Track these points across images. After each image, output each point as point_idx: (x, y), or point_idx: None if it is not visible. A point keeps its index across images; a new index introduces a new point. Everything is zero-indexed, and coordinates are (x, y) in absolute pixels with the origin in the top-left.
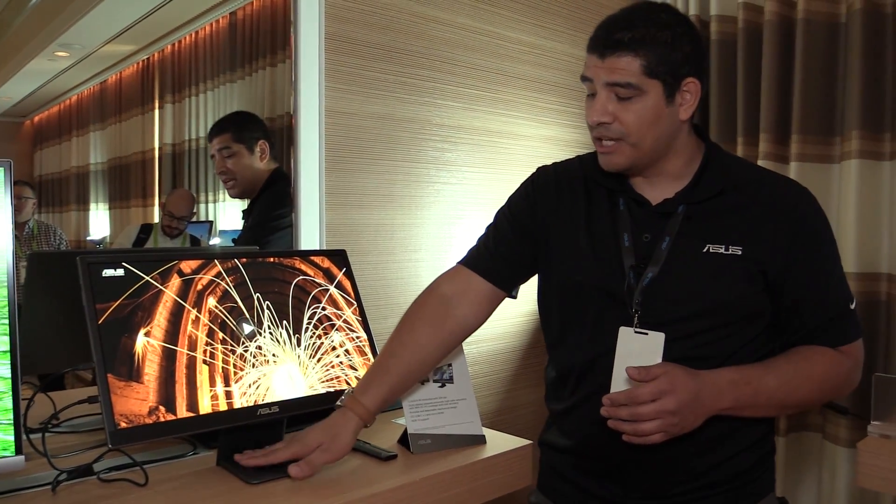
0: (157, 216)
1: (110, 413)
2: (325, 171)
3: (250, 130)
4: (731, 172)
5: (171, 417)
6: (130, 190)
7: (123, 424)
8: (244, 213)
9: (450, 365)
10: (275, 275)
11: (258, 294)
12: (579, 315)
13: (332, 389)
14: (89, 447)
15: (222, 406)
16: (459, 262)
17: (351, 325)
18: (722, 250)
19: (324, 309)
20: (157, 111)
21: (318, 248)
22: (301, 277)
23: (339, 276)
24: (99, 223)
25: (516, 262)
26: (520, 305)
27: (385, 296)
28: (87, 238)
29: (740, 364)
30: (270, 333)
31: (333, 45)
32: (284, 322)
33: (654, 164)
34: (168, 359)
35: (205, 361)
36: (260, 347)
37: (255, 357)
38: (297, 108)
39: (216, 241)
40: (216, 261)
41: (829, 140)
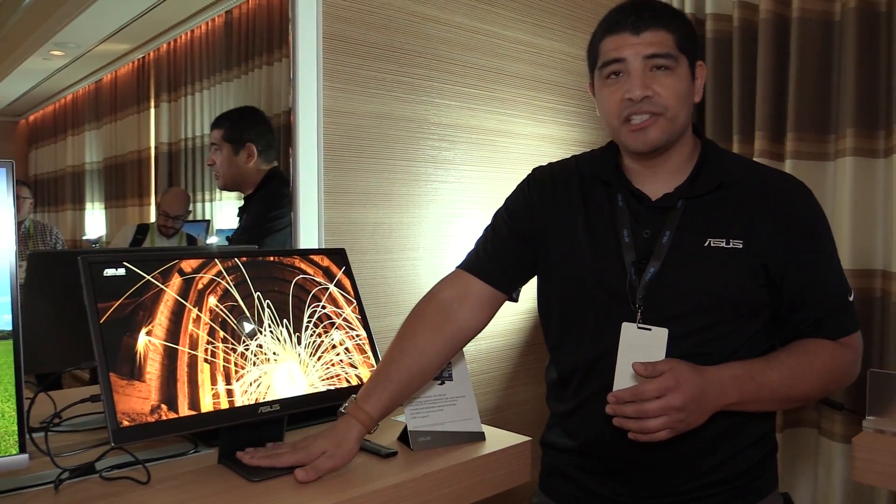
0: (153, 216)
1: (113, 411)
2: (324, 169)
3: (242, 131)
4: (728, 167)
5: (172, 416)
6: (126, 189)
7: (126, 423)
8: (239, 210)
9: (449, 363)
10: (275, 273)
11: (258, 293)
12: (581, 314)
13: (333, 387)
14: (91, 446)
15: (223, 404)
16: (458, 266)
17: (350, 323)
18: (723, 244)
19: (324, 307)
20: (152, 110)
21: (316, 246)
22: (301, 276)
23: (339, 274)
24: (95, 223)
25: (515, 264)
26: (519, 303)
27: (384, 294)
28: (84, 237)
29: (743, 360)
30: (271, 332)
31: (332, 45)
32: (285, 320)
33: (669, 149)
34: (169, 357)
35: (206, 360)
36: (260, 346)
37: (255, 355)
38: (296, 107)
39: (213, 241)
40: (216, 260)
41: (823, 138)
